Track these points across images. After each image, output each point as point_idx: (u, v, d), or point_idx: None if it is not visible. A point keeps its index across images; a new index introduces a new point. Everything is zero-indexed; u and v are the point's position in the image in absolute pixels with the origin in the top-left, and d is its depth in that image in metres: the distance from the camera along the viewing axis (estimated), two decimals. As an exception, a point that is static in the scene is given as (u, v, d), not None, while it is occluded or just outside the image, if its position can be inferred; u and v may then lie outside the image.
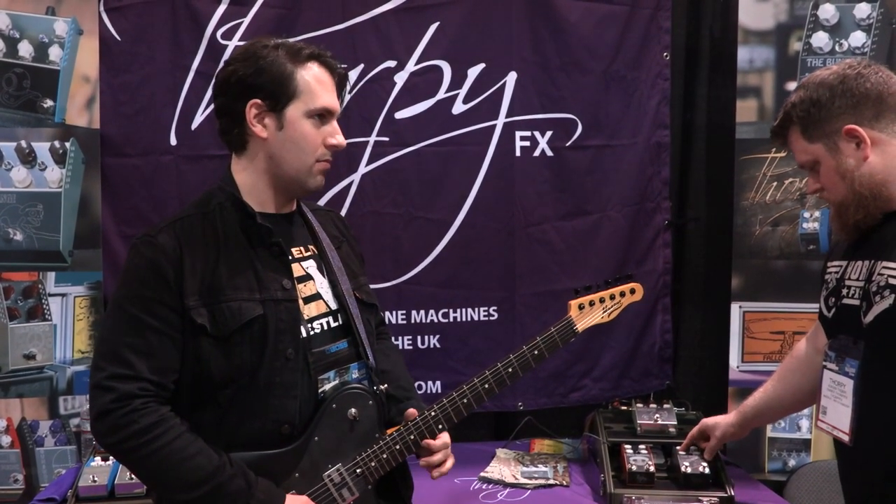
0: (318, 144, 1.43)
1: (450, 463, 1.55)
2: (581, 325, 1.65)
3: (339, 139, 1.46)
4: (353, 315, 1.51)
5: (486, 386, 1.55)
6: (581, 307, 1.66)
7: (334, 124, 1.46)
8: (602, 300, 1.69)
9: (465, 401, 1.54)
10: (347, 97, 2.35)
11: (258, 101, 1.40)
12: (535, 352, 1.59)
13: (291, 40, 1.46)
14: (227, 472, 1.32)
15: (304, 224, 1.56)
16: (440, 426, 1.51)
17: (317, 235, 1.55)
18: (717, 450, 2.02)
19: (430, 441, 1.51)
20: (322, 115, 1.43)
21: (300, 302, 1.44)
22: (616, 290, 1.72)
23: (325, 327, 1.48)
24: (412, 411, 1.53)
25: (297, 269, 1.47)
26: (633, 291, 1.72)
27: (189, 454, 1.32)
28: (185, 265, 1.36)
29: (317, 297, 1.48)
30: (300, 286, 1.45)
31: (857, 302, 1.42)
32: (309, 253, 1.52)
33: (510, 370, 1.56)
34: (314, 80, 1.42)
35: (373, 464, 1.46)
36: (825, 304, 1.54)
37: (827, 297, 1.53)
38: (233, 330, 1.35)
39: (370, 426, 1.49)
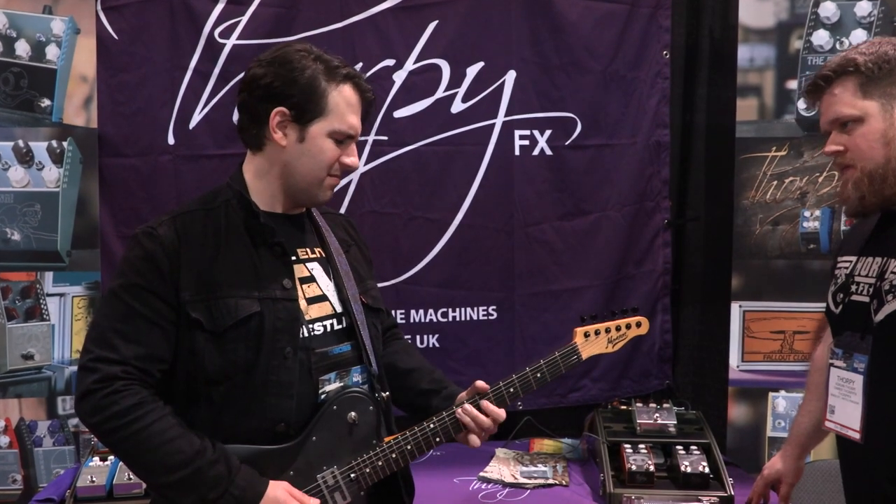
0: (333, 161, 1.44)
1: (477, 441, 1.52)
2: (586, 353, 1.66)
3: (354, 160, 1.46)
4: (358, 319, 1.50)
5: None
6: (587, 335, 1.67)
7: (352, 146, 1.46)
8: (608, 330, 1.70)
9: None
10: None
11: (284, 109, 1.39)
12: (538, 374, 1.59)
13: (326, 54, 1.44)
14: (208, 458, 1.32)
15: (311, 227, 1.56)
16: (437, 439, 1.50)
17: (325, 238, 1.55)
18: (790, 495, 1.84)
19: (491, 406, 1.49)
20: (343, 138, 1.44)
21: (302, 302, 1.44)
22: (622, 321, 1.72)
23: (329, 329, 1.47)
24: (481, 383, 1.52)
25: (300, 270, 1.46)
26: (639, 325, 1.73)
27: (168, 437, 1.32)
28: (182, 259, 1.36)
29: (322, 298, 1.48)
30: (303, 287, 1.45)
31: (866, 299, 1.41)
32: (315, 255, 1.51)
33: (511, 390, 1.56)
34: (344, 103, 1.42)
35: (367, 470, 1.45)
36: (833, 299, 1.52)
37: (835, 292, 1.51)
38: (228, 326, 1.36)
39: (369, 431, 1.48)
